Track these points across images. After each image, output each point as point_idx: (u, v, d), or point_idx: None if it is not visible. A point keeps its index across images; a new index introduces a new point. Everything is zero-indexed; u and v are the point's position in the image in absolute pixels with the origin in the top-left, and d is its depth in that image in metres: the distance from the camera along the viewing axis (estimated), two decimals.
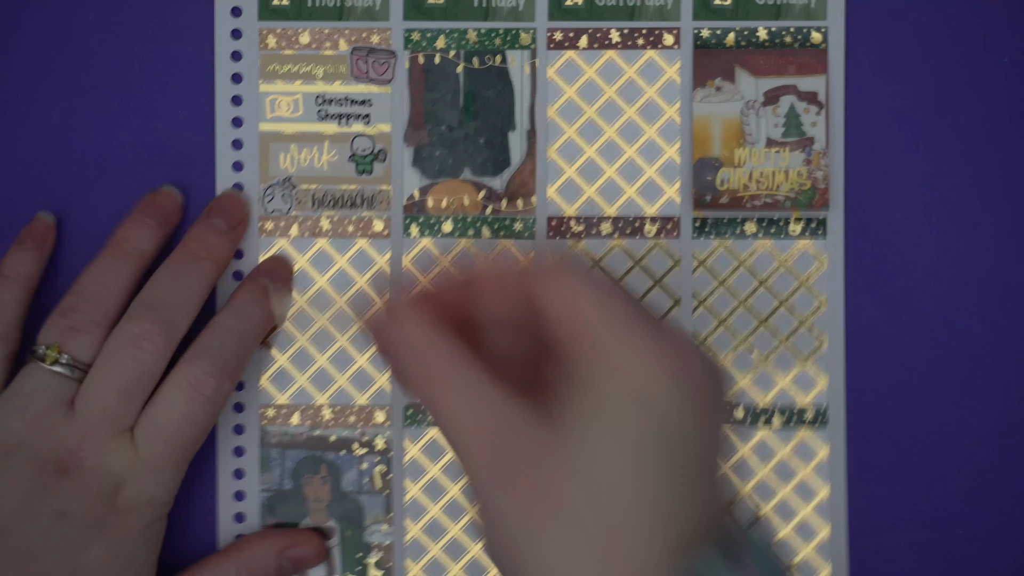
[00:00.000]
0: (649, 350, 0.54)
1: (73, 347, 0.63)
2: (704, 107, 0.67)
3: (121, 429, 0.62)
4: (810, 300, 0.68)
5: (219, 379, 0.63)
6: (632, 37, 0.68)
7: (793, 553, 0.68)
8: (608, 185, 0.68)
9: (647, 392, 0.55)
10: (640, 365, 0.55)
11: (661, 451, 0.55)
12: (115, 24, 0.68)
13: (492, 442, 0.55)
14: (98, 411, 0.62)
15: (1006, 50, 0.68)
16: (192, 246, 0.65)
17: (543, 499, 0.54)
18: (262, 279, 0.67)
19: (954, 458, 0.68)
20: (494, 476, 0.55)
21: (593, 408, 0.55)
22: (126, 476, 0.62)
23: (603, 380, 0.55)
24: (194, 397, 0.63)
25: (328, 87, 0.68)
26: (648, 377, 0.55)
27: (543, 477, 0.54)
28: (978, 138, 0.68)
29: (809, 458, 0.68)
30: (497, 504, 0.55)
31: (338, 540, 0.68)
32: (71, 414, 0.62)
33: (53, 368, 0.63)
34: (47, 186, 0.68)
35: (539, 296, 0.56)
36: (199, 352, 0.63)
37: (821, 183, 0.67)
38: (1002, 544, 0.68)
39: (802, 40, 0.67)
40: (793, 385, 0.68)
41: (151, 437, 0.62)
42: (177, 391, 0.63)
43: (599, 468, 0.54)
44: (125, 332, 0.63)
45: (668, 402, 0.55)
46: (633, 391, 0.55)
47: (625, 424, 0.54)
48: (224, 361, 0.64)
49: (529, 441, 0.55)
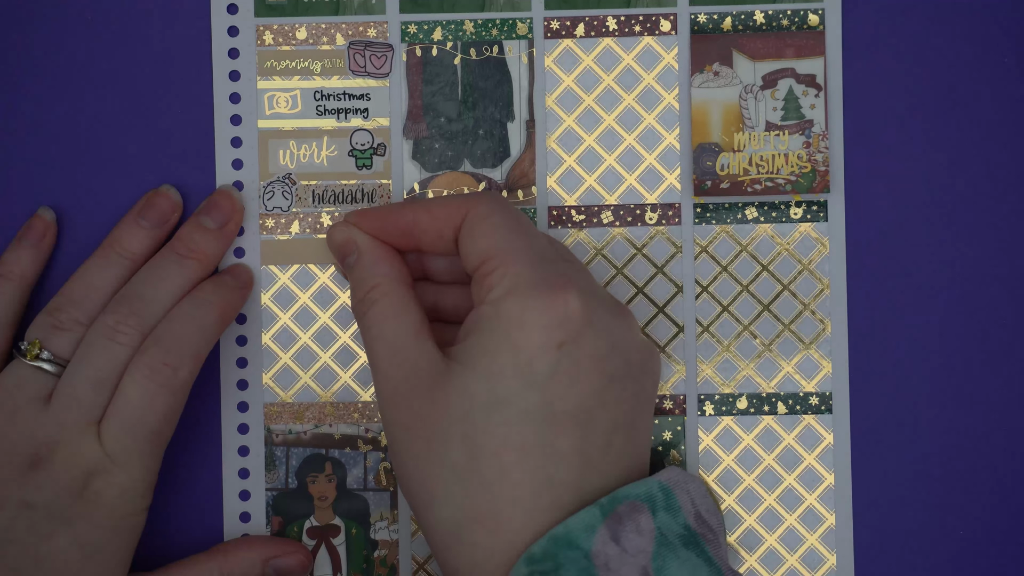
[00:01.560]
0: (536, 308, 0.58)
1: (55, 344, 0.64)
2: (702, 92, 0.67)
3: (91, 420, 0.62)
4: (813, 284, 0.68)
5: (175, 366, 0.63)
6: (629, 24, 0.68)
7: (798, 543, 0.68)
8: (608, 173, 0.68)
9: (525, 352, 0.58)
10: (524, 324, 0.59)
11: (540, 417, 0.59)
12: (113, 24, 0.68)
13: (396, 368, 0.61)
14: (71, 403, 0.62)
15: (1004, 28, 0.68)
16: (177, 245, 0.66)
17: (423, 433, 0.59)
18: (224, 275, 0.67)
19: (959, 443, 0.68)
20: (391, 402, 0.61)
21: (475, 354, 0.59)
22: (95, 468, 0.62)
23: (490, 328, 0.59)
24: (149, 386, 0.63)
25: (326, 82, 0.68)
26: (529, 339, 0.58)
27: (427, 412, 0.59)
28: (977, 117, 0.68)
29: (814, 445, 0.68)
30: (389, 430, 0.61)
31: (344, 538, 0.68)
32: (46, 408, 0.63)
33: (34, 363, 0.63)
34: (47, 186, 0.68)
35: (460, 230, 0.62)
36: (155, 341, 0.63)
37: (821, 165, 0.67)
38: (1009, 528, 0.68)
39: (799, 23, 0.67)
40: (797, 371, 0.68)
41: (114, 428, 0.62)
42: (133, 381, 0.63)
43: (473, 417, 0.59)
44: (100, 325, 0.63)
45: (546, 367, 0.58)
46: (513, 347, 0.59)
47: (501, 378, 0.59)
48: (180, 349, 0.63)
49: (423, 376, 0.60)
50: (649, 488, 0.59)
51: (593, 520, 0.57)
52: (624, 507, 0.58)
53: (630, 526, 0.57)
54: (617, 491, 0.58)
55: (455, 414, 0.58)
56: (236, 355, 0.68)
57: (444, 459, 0.58)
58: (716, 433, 0.68)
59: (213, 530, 0.68)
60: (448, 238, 0.62)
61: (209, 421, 0.68)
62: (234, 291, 0.66)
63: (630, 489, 0.58)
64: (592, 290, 0.60)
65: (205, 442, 0.68)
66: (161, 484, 0.68)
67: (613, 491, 0.59)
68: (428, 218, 0.62)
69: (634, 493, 0.58)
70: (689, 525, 0.59)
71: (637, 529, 0.57)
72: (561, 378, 0.58)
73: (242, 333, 0.68)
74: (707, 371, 0.68)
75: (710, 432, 0.68)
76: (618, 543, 0.57)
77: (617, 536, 0.57)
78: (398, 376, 0.60)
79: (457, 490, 0.58)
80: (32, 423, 0.62)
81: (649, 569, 0.57)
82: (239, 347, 0.68)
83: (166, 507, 0.68)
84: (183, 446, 0.68)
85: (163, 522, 0.68)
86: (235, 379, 0.68)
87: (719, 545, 0.60)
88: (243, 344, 0.68)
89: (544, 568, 0.56)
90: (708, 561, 0.58)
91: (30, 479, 0.62)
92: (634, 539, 0.57)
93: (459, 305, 0.65)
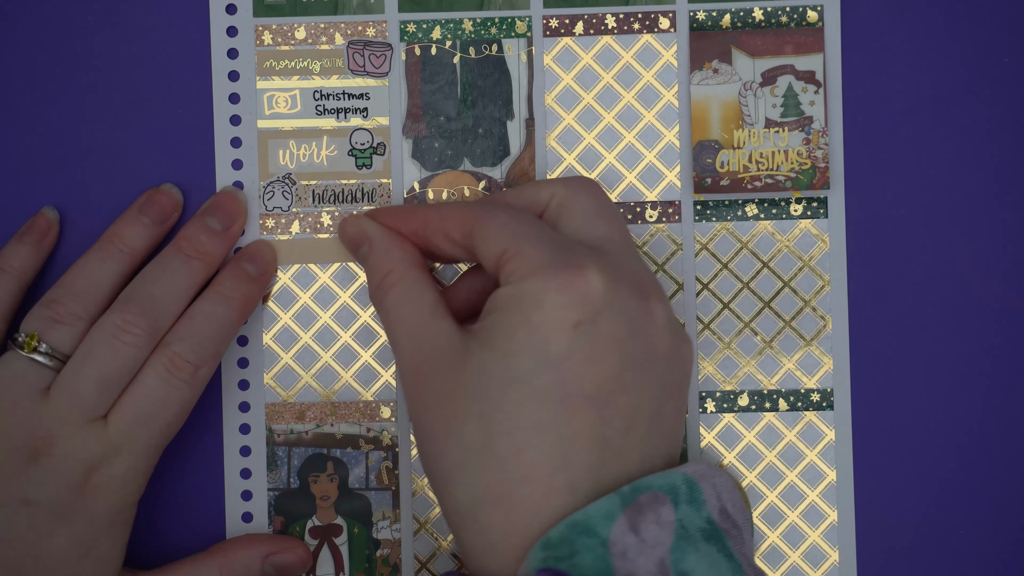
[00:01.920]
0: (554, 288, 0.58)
1: (53, 337, 0.63)
2: (702, 90, 0.67)
3: (95, 417, 0.62)
4: (813, 280, 0.68)
5: (196, 363, 0.63)
6: (628, 22, 0.68)
7: (800, 539, 0.68)
8: (608, 171, 0.68)
9: (541, 331, 0.58)
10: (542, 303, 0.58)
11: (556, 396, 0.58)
12: (113, 24, 0.68)
13: (416, 349, 0.61)
14: (73, 399, 0.62)
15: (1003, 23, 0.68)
16: (183, 245, 0.66)
17: (442, 412, 0.59)
18: (243, 264, 0.67)
19: (961, 438, 0.68)
20: (412, 381, 0.61)
21: (494, 333, 0.59)
22: (97, 462, 0.62)
23: (509, 307, 0.59)
24: (171, 381, 0.63)
25: (325, 82, 0.68)
26: (545, 317, 0.58)
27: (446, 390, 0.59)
28: (977, 113, 0.68)
29: (815, 442, 0.68)
30: (411, 409, 0.61)
31: (346, 537, 0.68)
32: (45, 401, 0.62)
33: (31, 356, 0.63)
34: (47, 185, 0.68)
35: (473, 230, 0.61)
36: (177, 337, 0.64)
37: (821, 162, 0.67)
38: (1010, 524, 0.68)
39: (798, 19, 0.67)
40: (798, 368, 0.68)
41: (127, 421, 0.62)
42: (155, 375, 0.63)
43: (490, 394, 0.59)
44: (107, 323, 0.63)
45: (562, 347, 0.58)
46: (529, 325, 0.59)
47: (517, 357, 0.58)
48: (202, 346, 0.64)
49: (442, 355, 0.60)
50: (672, 480, 0.58)
51: (612, 508, 0.57)
52: (645, 497, 0.57)
53: (650, 516, 0.57)
54: (639, 481, 0.58)
55: (472, 392, 0.58)
56: (237, 355, 0.68)
57: (461, 437, 0.58)
58: (717, 430, 0.68)
59: (215, 530, 0.68)
60: (456, 240, 0.62)
61: (211, 421, 0.68)
62: (254, 281, 0.66)
63: (653, 479, 0.58)
64: (616, 272, 0.59)
65: (207, 442, 0.68)
66: (163, 485, 0.68)
67: (635, 479, 0.58)
68: (437, 217, 0.63)
69: (656, 484, 0.58)
70: (712, 519, 0.58)
71: (657, 520, 0.57)
72: (577, 358, 0.58)
73: (243, 333, 0.68)
74: (708, 368, 0.68)
75: (711, 429, 0.68)
76: (637, 533, 0.57)
77: (636, 526, 0.57)
78: (418, 356, 0.60)
79: (473, 469, 0.58)
80: (31, 416, 0.62)
81: (667, 561, 0.56)
82: (240, 347, 0.68)
83: (168, 507, 0.68)
84: (185, 446, 0.68)
85: (165, 522, 0.68)
86: (236, 379, 0.68)
87: (743, 541, 0.59)
88: (244, 344, 0.68)
89: (559, 553, 0.56)
90: (729, 556, 0.58)
91: (29, 474, 0.61)
92: (653, 530, 0.57)
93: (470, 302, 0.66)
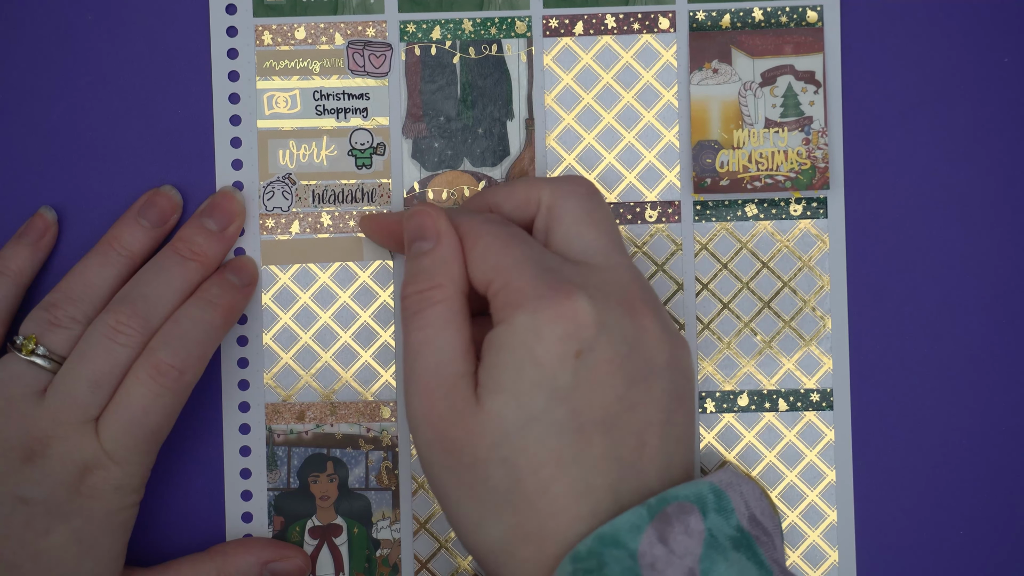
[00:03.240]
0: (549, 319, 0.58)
1: (51, 340, 0.64)
2: (701, 90, 0.67)
3: (88, 419, 0.62)
4: (813, 281, 0.68)
5: (181, 368, 0.63)
6: (628, 22, 0.68)
7: (800, 539, 0.68)
8: (608, 171, 0.68)
9: (547, 365, 0.58)
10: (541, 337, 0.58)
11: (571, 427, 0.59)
12: (113, 24, 0.68)
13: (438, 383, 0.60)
14: (67, 400, 0.62)
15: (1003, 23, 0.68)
16: (179, 246, 0.66)
17: (465, 460, 0.59)
18: (227, 274, 0.67)
19: (961, 438, 0.68)
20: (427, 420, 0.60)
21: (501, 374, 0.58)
22: (91, 463, 0.62)
23: (510, 345, 0.59)
24: (154, 387, 0.63)
25: (325, 82, 0.68)
26: (548, 351, 0.58)
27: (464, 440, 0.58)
28: (976, 113, 0.68)
29: (815, 442, 0.68)
30: (425, 451, 0.60)
31: (346, 537, 0.68)
32: (41, 402, 0.62)
33: (29, 358, 0.63)
34: (47, 185, 0.68)
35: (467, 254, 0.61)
36: (162, 342, 0.63)
37: (821, 162, 0.67)
38: (1010, 524, 0.68)
39: (797, 19, 0.67)
40: (798, 368, 0.68)
41: (113, 427, 0.62)
42: (138, 381, 0.63)
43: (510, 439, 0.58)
44: (101, 324, 0.63)
45: (568, 378, 0.58)
46: (535, 361, 0.58)
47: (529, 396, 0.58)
48: (187, 350, 0.63)
49: (459, 399, 0.59)
50: (699, 489, 0.58)
51: (640, 520, 0.57)
52: (673, 508, 0.57)
53: (678, 527, 0.57)
54: (666, 492, 0.57)
55: (493, 439, 0.58)
56: (237, 355, 0.68)
57: (487, 483, 0.58)
58: (717, 430, 0.68)
59: (215, 530, 0.68)
60: None
61: (210, 421, 0.68)
62: (238, 291, 0.66)
63: (679, 490, 0.58)
64: (603, 291, 0.59)
65: (207, 442, 0.68)
66: (162, 484, 0.68)
67: (655, 490, 0.58)
68: None
69: (683, 494, 0.58)
70: (742, 527, 0.58)
71: (686, 530, 0.57)
72: (583, 387, 0.58)
73: (243, 333, 0.68)
74: (708, 368, 0.68)
75: (711, 429, 0.68)
76: (665, 544, 0.56)
77: (665, 537, 0.56)
78: (437, 392, 0.59)
79: (503, 511, 0.58)
80: (27, 417, 0.62)
81: (696, 571, 0.56)
82: (240, 347, 0.68)
83: (168, 507, 0.68)
84: (185, 447, 0.68)
85: (164, 522, 0.68)
86: (236, 379, 0.68)
87: (774, 547, 0.59)
88: (244, 344, 0.68)
89: (588, 566, 0.56)
90: (759, 564, 0.57)
91: (25, 474, 0.62)
92: (682, 540, 0.57)
93: None
